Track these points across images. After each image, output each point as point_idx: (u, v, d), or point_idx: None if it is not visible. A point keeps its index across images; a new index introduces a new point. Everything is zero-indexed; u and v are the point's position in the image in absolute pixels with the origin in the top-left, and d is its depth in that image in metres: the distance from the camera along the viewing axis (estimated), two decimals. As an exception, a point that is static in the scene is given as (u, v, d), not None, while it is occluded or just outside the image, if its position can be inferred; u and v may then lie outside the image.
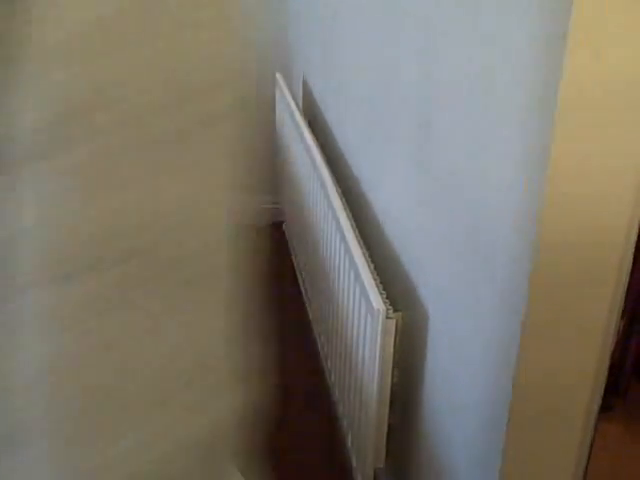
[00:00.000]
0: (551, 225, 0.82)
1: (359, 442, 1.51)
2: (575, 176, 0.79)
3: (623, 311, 0.89)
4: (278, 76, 2.40)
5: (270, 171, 2.74)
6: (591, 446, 1.00)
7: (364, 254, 1.48)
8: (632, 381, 1.96)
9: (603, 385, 0.94)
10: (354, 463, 1.59)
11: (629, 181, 0.81)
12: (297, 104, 2.17)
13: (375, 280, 1.40)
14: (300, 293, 2.34)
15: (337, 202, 1.64)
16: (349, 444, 1.64)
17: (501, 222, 0.92)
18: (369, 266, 1.44)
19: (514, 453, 0.97)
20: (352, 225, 1.57)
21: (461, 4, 1.01)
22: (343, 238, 1.53)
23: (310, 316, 2.18)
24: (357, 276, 1.43)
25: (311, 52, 2.24)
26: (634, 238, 0.84)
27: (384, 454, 1.48)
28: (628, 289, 0.88)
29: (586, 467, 1.02)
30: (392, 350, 1.36)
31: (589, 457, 1.01)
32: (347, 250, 1.50)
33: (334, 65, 1.88)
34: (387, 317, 1.30)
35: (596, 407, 0.96)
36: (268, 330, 1.93)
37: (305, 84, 2.41)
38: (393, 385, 1.43)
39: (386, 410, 1.43)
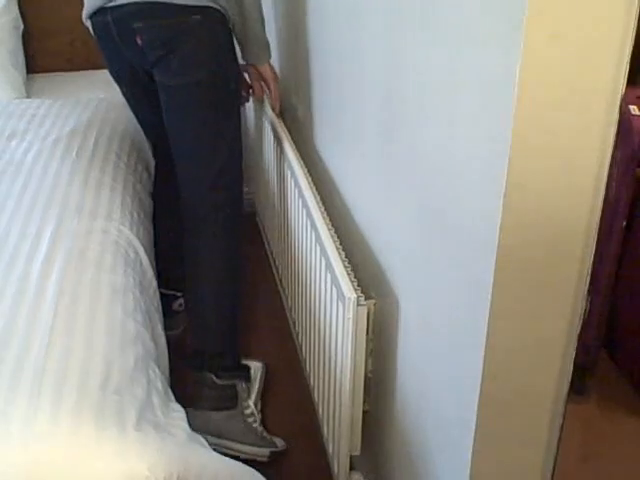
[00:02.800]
0: (515, 208, 0.82)
1: (334, 430, 1.52)
2: (537, 158, 0.79)
3: (589, 291, 0.90)
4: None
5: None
6: (562, 427, 1.01)
7: (335, 242, 1.47)
8: (606, 362, 1.98)
9: (571, 365, 0.94)
10: (330, 451, 1.59)
11: (589, 169, 0.81)
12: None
13: (346, 268, 1.39)
14: (275, 282, 2.34)
15: (308, 192, 1.64)
16: (325, 432, 1.64)
17: (466, 207, 0.93)
18: (340, 254, 1.44)
19: (485, 436, 0.98)
20: (322, 213, 1.56)
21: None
22: (314, 226, 1.53)
23: (285, 305, 2.18)
24: (328, 264, 1.42)
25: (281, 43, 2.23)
26: (597, 218, 0.84)
27: (360, 441, 1.48)
28: (601, 268, 0.88)
29: (557, 448, 1.02)
30: (365, 337, 1.36)
31: (560, 438, 1.02)
32: (318, 238, 1.50)
33: (304, 55, 1.87)
34: (358, 304, 1.30)
35: (565, 387, 0.97)
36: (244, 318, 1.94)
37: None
38: (368, 373, 1.43)
39: (360, 398, 1.43)
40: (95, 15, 1.73)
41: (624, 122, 1.39)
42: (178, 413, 1.29)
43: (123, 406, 1.16)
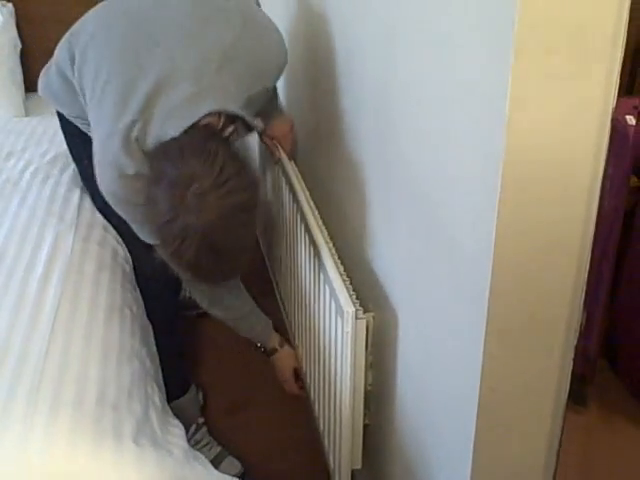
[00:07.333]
0: (509, 221, 0.82)
1: (336, 444, 1.51)
2: (530, 171, 0.80)
3: (586, 301, 0.89)
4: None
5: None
6: (561, 436, 1.00)
7: (333, 255, 1.47)
8: (605, 371, 1.97)
9: (569, 375, 0.94)
10: (331, 465, 1.58)
11: (582, 180, 0.81)
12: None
13: (345, 282, 1.39)
14: (274, 296, 2.33)
15: (306, 205, 1.64)
16: (325, 446, 1.63)
17: (461, 220, 0.93)
18: (338, 268, 1.43)
19: (484, 447, 0.97)
20: (321, 227, 1.57)
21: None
22: (312, 240, 1.53)
23: (284, 318, 2.17)
24: (326, 278, 1.42)
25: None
26: (591, 236, 0.84)
27: (360, 455, 1.47)
28: (599, 278, 0.88)
29: (557, 457, 1.02)
30: (364, 351, 1.35)
31: (560, 447, 1.01)
32: (316, 252, 1.50)
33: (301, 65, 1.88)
34: (357, 318, 1.30)
35: (564, 397, 0.96)
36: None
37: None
38: (368, 386, 1.43)
39: (360, 411, 1.42)
40: None
41: (620, 132, 1.40)
42: (176, 429, 1.29)
43: (120, 421, 1.16)
